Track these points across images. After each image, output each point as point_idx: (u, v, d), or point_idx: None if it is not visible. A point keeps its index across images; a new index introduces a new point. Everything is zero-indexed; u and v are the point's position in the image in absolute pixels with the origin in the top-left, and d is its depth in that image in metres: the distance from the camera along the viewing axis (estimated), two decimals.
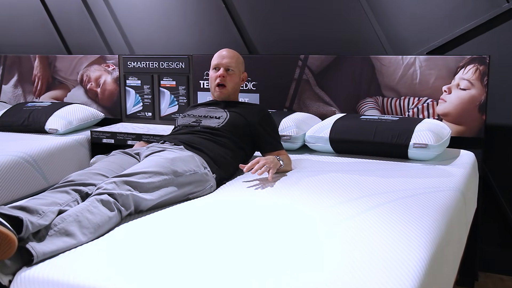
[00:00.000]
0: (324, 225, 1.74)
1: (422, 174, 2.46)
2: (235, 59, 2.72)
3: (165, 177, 2.01)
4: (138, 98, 3.89)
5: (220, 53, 2.74)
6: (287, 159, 2.54)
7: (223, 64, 2.69)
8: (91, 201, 1.75)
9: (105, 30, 4.15)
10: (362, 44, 3.35)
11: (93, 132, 3.56)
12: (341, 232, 1.67)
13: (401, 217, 1.81)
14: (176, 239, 1.64)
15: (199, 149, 2.34)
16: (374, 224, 1.74)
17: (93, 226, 1.67)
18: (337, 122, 2.94)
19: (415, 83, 3.10)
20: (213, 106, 2.71)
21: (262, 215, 1.85)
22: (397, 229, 1.70)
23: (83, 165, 3.44)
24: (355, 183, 2.27)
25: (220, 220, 1.82)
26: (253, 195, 2.11)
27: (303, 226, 1.74)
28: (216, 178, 2.30)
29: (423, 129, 2.72)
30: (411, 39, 3.24)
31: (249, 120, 2.58)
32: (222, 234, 1.68)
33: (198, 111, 2.68)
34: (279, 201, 2.02)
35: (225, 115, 2.59)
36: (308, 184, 2.25)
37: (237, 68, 2.72)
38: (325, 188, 2.19)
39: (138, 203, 1.88)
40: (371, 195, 2.08)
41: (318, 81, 3.34)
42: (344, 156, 2.84)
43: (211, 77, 2.72)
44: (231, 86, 2.70)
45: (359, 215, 1.83)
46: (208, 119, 2.58)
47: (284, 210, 1.90)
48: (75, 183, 1.90)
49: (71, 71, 4.11)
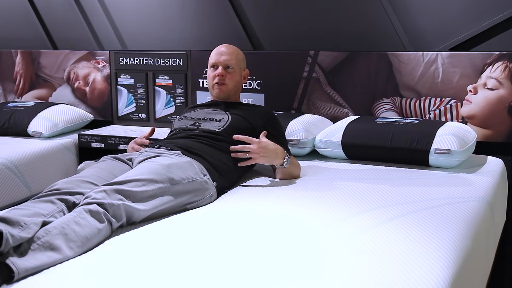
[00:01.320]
0: (334, 239, 1.74)
1: (445, 183, 2.46)
2: (234, 56, 2.72)
3: (161, 185, 2.02)
4: (131, 98, 3.90)
5: (218, 50, 2.74)
6: (295, 163, 2.55)
7: (222, 62, 2.69)
8: (79, 211, 1.75)
9: (95, 22, 4.17)
10: (378, 39, 3.36)
11: (81, 136, 3.57)
12: (353, 248, 1.67)
13: (420, 231, 1.80)
14: (172, 254, 1.64)
15: (198, 155, 2.35)
16: (390, 238, 1.74)
17: (81, 239, 1.67)
18: (350, 125, 2.94)
19: (437, 82, 3.10)
20: (213, 107, 2.72)
21: (266, 228, 1.85)
22: (416, 244, 1.70)
23: (69, 172, 3.45)
24: (369, 192, 2.27)
25: (220, 233, 1.82)
26: (257, 205, 2.11)
27: (312, 240, 1.74)
28: (217, 186, 2.30)
29: (446, 133, 2.72)
30: (432, 33, 3.24)
31: (253, 123, 2.59)
32: (222, 249, 1.68)
33: (197, 113, 2.69)
34: (285, 212, 2.02)
35: (226, 118, 2.59)
36: (318, 193, 2.25)
37: (238, 66, 2.73)
38: (336, 198, 2.19)
39: (130, 214, 1.89)
40: (387, 206, 2.07)
41: (329, 79, 3.35)
42: (358, 162, 2.84)
43: (209, 76, 2.73)
44: (231, 84, 2.71)
45: (373, 229, 1.83)
46: (207, 122, 2.59)
47: (291, 223, 1.90)
48: (61, 192, 1.90)
49: (56, 68, 4.13)
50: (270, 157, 2.40)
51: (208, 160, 2.35)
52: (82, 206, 1.78)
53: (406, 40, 3.28)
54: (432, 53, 3.10)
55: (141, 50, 3.90)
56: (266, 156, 2.39)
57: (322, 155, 2.97)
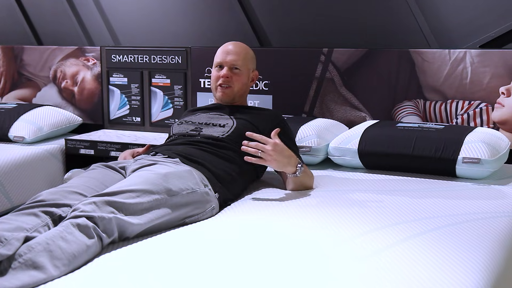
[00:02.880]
0: (348, 259, 1.74)
1: (474, 195, 2.45)
2: (242, 56, 2.73)
3: (157, 196, 2.02)
4: (124, 99, 3.91)
5: (224, 48, 2.75)
6: (308, 172, 2.54)
7: (228, 62, 2.70)
8: (65, 226, 1.76)
9: (84, 15, 4.18)
10: (399, 35, 3.36)
11: (68, 141, 3.58)
12: (369, 269, 1.67)
13: (446, 250, 1.80)
14: (168, 273, 1.64)
15: (199, 163, 2.35)
16: (411, 258, 1.74)
17: (67, 256, 1.67)
18: (368, 131, 2.94)
19: (465, 83, 3.10)
20: (216, 111, 2.73)
21: (273, 246, 1.85)
22: (441, 265, 1.69)
23: (55, 181, 3.45)
24: (388, 206, 2.26)
25: (223, 250, 1.82)
26: (263, 220, 2.11)
27: (323, 261, 1.73)
28: (219, 198, 2.30)
29: (475, 140, 2.72)
30: (460, 28, 3.24)
31: (261, 128, 2.59)
32: (224, 268, 1.68)
33: (198, 117, 2.70)
34: (295, 228, 2.01)
35: (231, 123, 2.60)
36: (331, 207, 2.25)
37: (245, 66, 2.74)
38: (351, 212, 2.18)
39: (123, 229, 1.89)
40: (408, 222, 2.07)
41: (344, 80, 3.35)
42: (376, 172, 2.84)
43: (213, 77, 2.75)
44: (237, 86, 2.71)
45: (392, 247, 1.82)
46: (210, 127, 2.60)
47: (301, 241, 1.90)
48: (46, 204, 1.90)
49: (41, 65, 4.15)
50: (282, 162, 2.39)
51: (210, 169, 2.35)
52: (69, 220, 1.78)
53: (430, 36, 3.28)
54: (459, 50, 3.10)
55: (136, 46, 3.91)
56: (279, 160, 2.37)
57: (337, 164, 2.97)
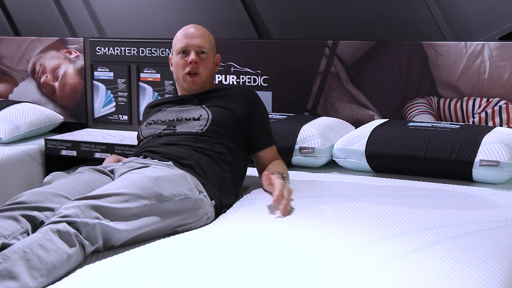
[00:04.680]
0: (356, 270, 1.74)
1: (492, 202, 2.45)
2: (207, 38, 2.73)
3: (146, 201, 2.02)
4: (110, 96, 3.91)
5: (186, 31, 2.72)
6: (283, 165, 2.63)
7: (194, 46, 2.68)
8: (44, 232, 1.75)
9: (66, 3, 4.18)
10: (411, 26, 3.36)
11: (48, 141, 3.58)
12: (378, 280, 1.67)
13: (462, 261, 1.80)
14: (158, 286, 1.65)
15: (193, 167, 2.34)
16: (424, 269, 1.74)
17: (46, 266, 1.67)
18: (376, 131, 2.95)
19: (482, 78, 3.10)
20: (184, 104, 2.70)
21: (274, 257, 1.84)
22: (456, 277, 1.69)
23: (34, 185, 3.44)
24: (399, 213, 2.27)
25: (218, 262, 1.82)
26: (262, 228, 2.10)
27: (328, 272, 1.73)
28: (215, 205, 2.30)
29: (494, 141, 2.73)
30: (478, 19, 3.24)
31: (237, 112, 2.61)
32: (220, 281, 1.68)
33: (165, 114, 2.67)
34: (297, 237, 2.01)
35: (205, 114, 2.59)
36: (337, 214, 2.25)
37: (211, 50, 2.74)
38: (358, 219, 2.19)
39: (108, 236, 1.89)
40: (421, 230, 2.07)
41: (351, 75, 3.35)
42: (385, 176, 2.85)
43: (177, 65, 2.71)
44: (205, 73, 2.70)
45: (402, 258, 1.82)
46: (183, 123, 2.58)
47: (303, 250, 1.89)
48: (27, 207, 1.90)
49: (19, 58, 4.14)
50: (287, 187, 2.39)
51: (206, 173, 2.35)
52: (49, 226, 1.77)
53: (445, 27, 3.28)
54: (477, 43, 3.11)
55: (123, 37, 3.91)
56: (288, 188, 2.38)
57: (342, 166, 2.98)
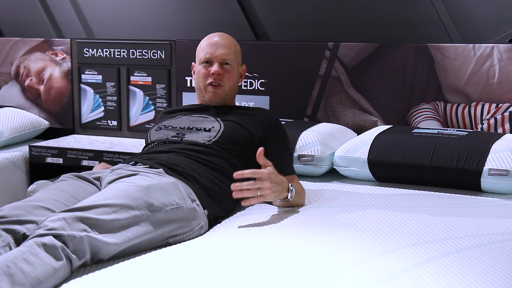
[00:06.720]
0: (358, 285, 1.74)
1: (502, 213, 2.46)
2: (233, 48, 2.74)
3: (137, 212, 2.02)
4: (99, 100, 3.91)
5: (211, 40, 2.74)
6: (300, 190, 2.52)
7: (218, 57, 2.69)
8: (29, 246, 1.75)
9: (52, 2, 4.18)
10: (416, 28, 3.37)
11: (32, 148, 3.57)
12: None
13: (469, 275, 1.80)
14: None
15: (186, 175, 2.35)
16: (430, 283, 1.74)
17: (31, 281, 1.67)
18: (379, 138, 2.95)
19: (492, 83, 3.11)
20: (200, 113, 2.72)
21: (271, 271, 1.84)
22: None
23: (17, 195, 3.45)
24: (403, 225, 2.27)
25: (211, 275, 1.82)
26: (258, 240, 2.11)
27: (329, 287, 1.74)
28: (208, 215, 2.31)
29: (503, 149, 2.73)
30: (486, 20, 3.25)
31: (252, 131, 2.59)
32: None
33: (179, 121, 2.69)
34: (295, 250, 2.01)
35: (217, 126, 2.60)
36: (338, 226, 2.25)
37: (236, 61, 2.74)
38: (361, 231, 2.19)
39: (96, 249, 1.89)
40: (427, 243, 2.07)
41: (353, 79, 3.36)
42: (389, 186, 2.85)
43: (200, 74, 2.72)
44: (229, 85, 2.72)
45: (408, 271, 1.82)
46: (193, 132, 2.59)
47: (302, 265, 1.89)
48: (8, 221, 1.90)
49: (1, 60, 4.14)
50: (278, 191, 2.34)
51: (198, 182, 2.35)
52: (34, 239, 1.78)
53: (452, 28, 3.29)
54: (486, 45, 3.11)
55: (112, 39, 3.91)
56: (276, 190, 2.33)
57: (343, 175, 2.98)
